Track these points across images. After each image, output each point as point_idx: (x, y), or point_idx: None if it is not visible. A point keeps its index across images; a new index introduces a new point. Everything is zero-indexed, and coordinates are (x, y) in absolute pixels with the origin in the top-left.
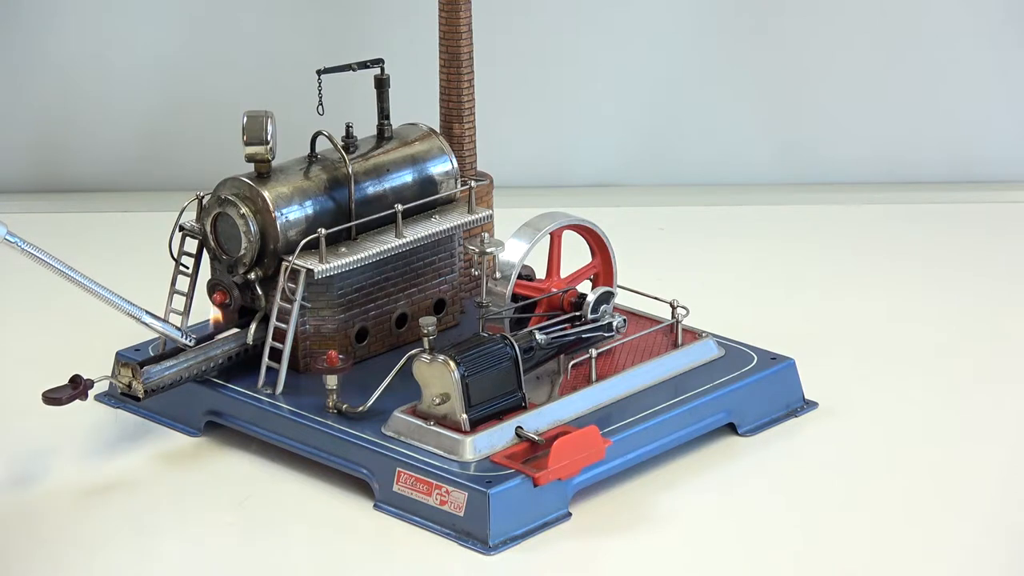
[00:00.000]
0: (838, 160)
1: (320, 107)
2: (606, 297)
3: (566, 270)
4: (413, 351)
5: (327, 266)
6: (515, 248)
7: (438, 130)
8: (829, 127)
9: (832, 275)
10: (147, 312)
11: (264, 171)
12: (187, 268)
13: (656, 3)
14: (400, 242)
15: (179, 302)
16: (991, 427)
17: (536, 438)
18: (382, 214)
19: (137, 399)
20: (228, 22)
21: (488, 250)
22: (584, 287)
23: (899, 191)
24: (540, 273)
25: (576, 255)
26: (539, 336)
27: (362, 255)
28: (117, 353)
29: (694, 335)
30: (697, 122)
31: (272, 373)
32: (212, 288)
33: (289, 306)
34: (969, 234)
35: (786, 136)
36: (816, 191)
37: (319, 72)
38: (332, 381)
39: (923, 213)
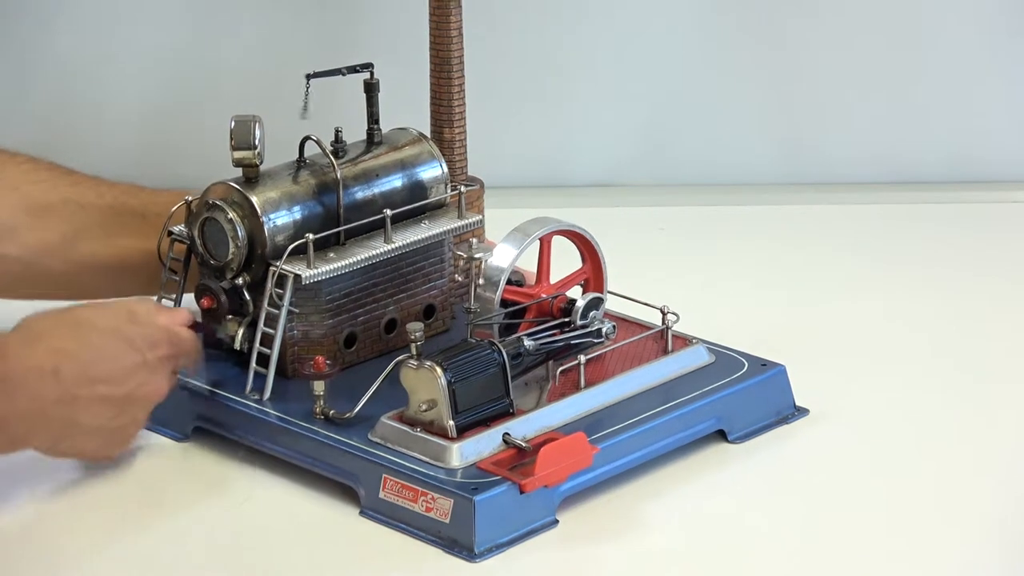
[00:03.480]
0: (838, 160)
1: (304, 111)
2: (595, 303)
3: (557, 276)
4: (400, 357)
5: (315, 271)
6: (504, 253)
7: (428, 135)
8: (829, 127)
9: (831, 276)
10: None
11: (252, 176)
12: (175, 273)
13: (656, 3)
14: (389, 247)
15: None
16: (987, 432)
17: (523, 444)
18: (371, 219)
19: None
20: (225, 26)
21: (476, 255)
22: (576, 293)
23: (899, 191)
24: (529, 279)
25: (570, 261)
26: (527, 342)
27: (350, 260)
28: None
29: (684, 341)
30: (697, 122)
31: (260, 379)
32: (200, 293)
33: (277, 311)
34: (969, 234)
35: (786, 136)
36: (816, 191)
37: (308, 76)
38: (319, 387)
39: (923, 213)
